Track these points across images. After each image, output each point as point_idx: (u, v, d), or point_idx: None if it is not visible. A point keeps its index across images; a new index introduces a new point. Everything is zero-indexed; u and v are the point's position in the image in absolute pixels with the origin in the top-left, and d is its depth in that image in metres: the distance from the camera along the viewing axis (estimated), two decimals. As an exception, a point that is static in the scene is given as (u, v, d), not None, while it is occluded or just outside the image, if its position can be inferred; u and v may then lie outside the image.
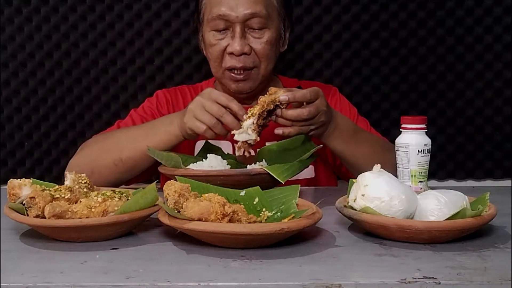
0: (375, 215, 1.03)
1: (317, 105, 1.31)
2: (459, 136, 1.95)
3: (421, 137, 1.29)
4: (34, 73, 1.86)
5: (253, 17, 1.50)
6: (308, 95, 1.30)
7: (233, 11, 1.49)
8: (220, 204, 0.99)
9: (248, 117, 1.29)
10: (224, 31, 1.52)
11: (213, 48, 1.53)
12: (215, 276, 0.87)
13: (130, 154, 1.43)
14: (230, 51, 1.51)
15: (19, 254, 1.00)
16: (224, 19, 1.50)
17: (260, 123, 1.29)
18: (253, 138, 1.29)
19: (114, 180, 1.45)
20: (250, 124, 1.29)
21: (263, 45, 1.52)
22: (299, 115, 1.30)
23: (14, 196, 1.08)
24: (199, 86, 1.72)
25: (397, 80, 1.92)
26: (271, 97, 1.28)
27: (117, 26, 1.86)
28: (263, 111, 1.28)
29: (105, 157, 1.45)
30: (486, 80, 1.92)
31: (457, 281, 0.86)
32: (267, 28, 1.52)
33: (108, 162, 1.44)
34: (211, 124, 1.32)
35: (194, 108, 1.34)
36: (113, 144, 1.47)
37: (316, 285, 0.84)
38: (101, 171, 1.44)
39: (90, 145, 1.53)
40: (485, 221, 1.04)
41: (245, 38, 1.51)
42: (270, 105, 1.28)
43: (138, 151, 1.42)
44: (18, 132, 1.88)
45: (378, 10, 1.89)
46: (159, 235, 1.09)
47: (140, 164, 1.45)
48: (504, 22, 1.90)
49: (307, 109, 1.30)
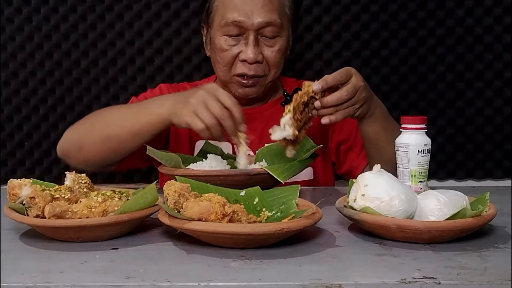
0: (375, 215, 1.03)
1: (354, 83, 1.28)
2: (459, 136, 1.95)
3: (421, 137, 1.28)
4: (34, 73, 1.86)
5: (268, 25, 1.49)
6: (339, 77, 1.28)
7: (248, 18, 1.48)
8: (220, 204, 0.99)
9: (285, 113, 1.27)
10: (236, 37, 1.50)
11: (224, 53, 1.52)
12: (215, 276, 0.87)
13: (117, 132, 1.40)
14: (243, 58, 1.50)
15: (19, 254, 1.00)
16: (238, 26, 1.48)
17: (298, 118, 1.26)
18: (290, 133, 1.26)
19: (101, 158, 1.43)
20: (287, 120, 1.26)
21: (275, 54, 1.52)
22: (340, 98, 1.27)
23: (14, 196, 1.08)
24: (198, 84, 1.70)
25: (397, 80, 1.92)
26: (304, 90, 1.26)
27: (117, 26, 1.86)
28: (298, 103, 1.26)
29: (93, 133, 1.43)
30: (486, 80, 1.92)
31: (457, 281, 0.86)
32: (279, 36, 1.52)
33: (96, 139, 1.42)
34: (210, 124, 1.29)
35: (196, 103, 1.30)
36: (102, 121, 1.45)
37: (316, 285, 0.84)
38: (89, 148, 1.43)
39: (82, 121, 1.52)
40: (485, 221, 1.04)
41: (258, 46, 1.50)
42: (304, 97, 1.25)
43: (125, 130, 1.40)
44: (18, 132, 1.88)
45: (378, 10, 1.89)
46: (159, 235, 1.09)
47: (126, 144, 1.41)
48: (504, 22, 1.90)
49: (345, 88, 1.27)
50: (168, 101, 1.36)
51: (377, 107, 1.40)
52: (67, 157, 1.49)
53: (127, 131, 1.39)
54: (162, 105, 1.36)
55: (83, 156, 1.41)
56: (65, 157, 1.50)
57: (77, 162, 1.47)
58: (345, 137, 1.61)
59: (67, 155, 1.49)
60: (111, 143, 1.41)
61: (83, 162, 1.45)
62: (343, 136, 1.61)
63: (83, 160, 1.42)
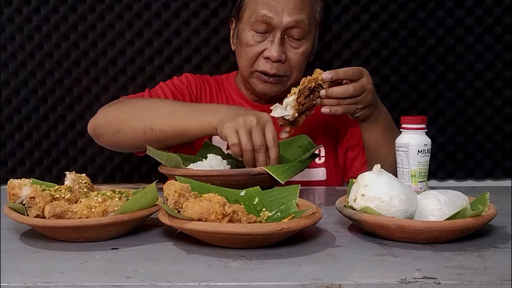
0: (375, 215, 1.03)
1: (363, 83, 1.30)
2: (459, 136, 1.95)
3: (421, 137, 1.29)
4: (34, 73, 1.86)
5: (296, 26, 1.49)
6: (350, 72, 1.29)
7: (278, 16, 1.48)
8: (220, 204, 0.99)
9: (290, 95, 1.28)
10: (263, 34, 1.51)
11: (249, 48, 1.53)
12: (215, 276, 0.87)
13: (163, 128, 1.39)
14: (267, 55, 1.50)
15: (19, 254, 1.00)
16: (267, 22, 1.49)
17: (301, 101, 1.27)
18: (290, 113, 1.27)
19: (136, 146, 1.43)
20: (290, 101, 1.28)
21: (299, 56, 1.52)
22: (345, 91, 1.28)
23: (14, 196, 1.08)
24: (219, 78, 1.72)
25: (397, 80, 1.92)
26: (313, 76, 1.27)
27: (117, 26, 1.86)
28: (304, 87, 1.26)
29: (137, 120, 1.41)
30: (486, 80, 1.93)
31: (457, 281, 0.86)
32: (305, 39, 1.52)
33: (138, 126, 1.40)
34: (245, 149, 1.27)
35: (243, 126, 1.28)
36: (150, 111, 1.43)
37: (316, 285, 0.84)
38: (127, 133, 1.42)
39: (125, 103, 1.49)
40: (485, 221, 1.04)
41: (283, 46, 1.51)
42: (312, 82, 1.26)
43: (171, 127, 1.38)
44: (18, 132, 1.88)
45: (378, 10, 1.89)
46: (159, 235, 1.09)
47: (170, 140, 1.41)
48: (504, 22, 1.90)
49: (353, 85, 1.29)
50: (221, 112, 1.35)
51: (381, 114, 1.41)
52: (98, 136, 1.47)
53: (173, 129, 1.38)
54: (215, 114, 1.35)
55: (118, 139, 1.39)
56: (96, 136, 1.48)
57: (109, 143, 1.46)
58: (353, 144, 1.62)
59: (100, 134, 1.47)
60: (153, 135, 1.39)
61: (114, 144, 1.44)
62: (352, 143, 1.62)
63: (115, 142, 1.40)
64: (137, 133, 1.40)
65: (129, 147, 1.45)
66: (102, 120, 1.48)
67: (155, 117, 1.41)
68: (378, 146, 1.43)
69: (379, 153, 1.44)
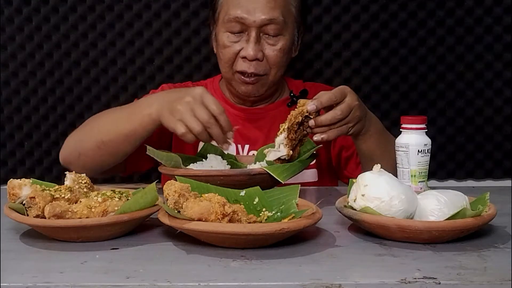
0: (375, 215, 1.03)
1: (348, 103, 1.28)
2: (459, 136, 1.95)
3: (421, 137, 1.28)
4: (34, 73, 1.86)
5: (270, 23, 1.49)
6: (333, 97, 1.27)
7: (250, 15, 1.48)
8: (220, 204, 0.99)
9: (280, 133, 1.28)
10: (239, 34, 1.51)
11: (226, 50, 1.52)
12: (215, 276, 0.87)
13: (111, 137, 1.40)
14: (244, 55, 1.50)
15: (19, 254, 1.00)
16: (240, 22, 1.49)
17: (292, 137, 1.27)
18: (285, 153, 1.27)
19: (99, 163, 1.43)
20: (282, 140, 1.27)
21: (276, 53, 1.52)
22: (333, 117, 1.27)
23: (14, 196, 1.08)
24: (203, 83, 1.70)
25: (397, 80, 1.92)
26: (298, 109, 1.27)
27: (117, 26, 1.86)
28: (292, 124, 1.26)
29: (89, 139, 1.43)
30: (486, 80, 1.92)
31: (457, 281, 0.86)
32: (282, 35, 1.52)
33: (92, 144, 1.42)
34: (197, 132, 1.28)
35: (183, 111, 1.28)
36: (97, 126, 1.45)
37: (316, 285, 0.84)
38: (87, 153, 1.43)
39: (80, 128, 1.52)
40: (485, 221, 1.04)
41: (259, 44, 1.50)
42: (298, 117, 1.26)
43: (118, 134, 1.39)
44: (18, 132, 1.88)
45: (378, 10, 1.89)
46: (159, 235, 1.09)
47: (122, 147, 1.41)
48: (504, 22, 1.90)
49: (339, 108, 1.27)
50: (156, 102, 1.35)
51: (372, 124, 1.40)
52: (69, 165, 1.49)
53: (120, 134, 1.39)
54: (151, 105, 1.35)
55: (83, 163, 1.41)
56: (67, 165, 1.50)
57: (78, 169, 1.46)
58: (347, 144, 1.61)
59: (69, 162, 1.49)
60: (106, 148, 1.40)
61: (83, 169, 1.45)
62: (345, 143, 1.62)
63: (82, 166, 1.41)
64: (93, 151, 1.42)
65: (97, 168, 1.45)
66: (66, 149, 1.50)
67: (102, 130, 1.42)
68: (373, 154, 1.42)
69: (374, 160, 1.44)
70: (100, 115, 1.51)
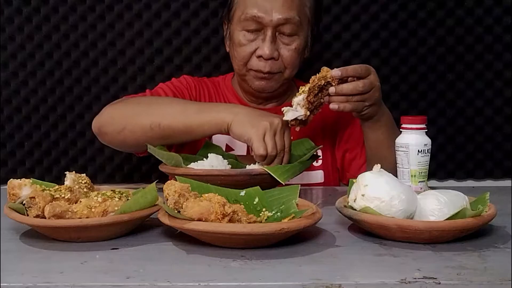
0: (375, 215, 1.03)
1: (371, 80, 1.31)
2: (459, 136, 1.95)
3: (421, 137, 1.29)
4: (34, 73, 1.86)
5: (286, 23, 1.50)
6: (359, 70, 1.30)
7: (267, 14, 1.49)
8: (220, 204, 0.99)
9: (299, 94, 1.28)
10: (255, 33, 1.52)
11: (242, 48, 1.53)
12: (215, 276, 0.87)
13: (171, 123, 1.38)
14: (260, 54, 1.51)
15: (19, 254, 1.00)
16: (257, 21, 1.50)
17: (311, 100, 1.27)
18: (302, 113, 1.27)
19: (142, 142, 1.39)
20: (300, 100, 1.28)
21: (291, 53, 1.53)
22: (355, 87, 1.29)
23: (14, 196, 1.08)
24: (215, 80, 1.72)
25: (397, 80, 1.92)
26: (322, 73, 1.28)
27: (117, 26, 1.86)
28: (314, 86, 1.26)
29: (143, 117, 1.40)
30: (486, 80, 1.93)
31: (457, 281, 0.86)
32: (297, 35, 1.52)
33: (145, 123, 1.39)
34: (271, 152, 1.28)
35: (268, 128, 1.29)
36: (157, 108, 1.42)
37: (316, 285, 0.84)
38: (134, 129, 1.40)
39: (131, 101, 1.49)
40: (485, 221, 1.04)
41: (275, 43, 1.51)
42: (321, 80, 1.27)
43: (180, 123, 1.37)
44: (18, 132, 1.88)
45: (378, 10, 1.89)
46: (159, 235, 1.09)
47: (177, 137, 1.40)
48: (504, 22, 1.90)
49: (362, 81, 1.29)
50: (236, 109, 1.35)
51: (384, 115, 1.42)
52: (103, 134, 1.46)
53: (182, 124, 1.37)
54: (230, 112, 1.34)
55: (124, 137, 1.39)
56: (101, 134, 1.47)
57: (114, 141, 1.45)
58: (351, 146, 1.62)
59: (105, 132, 1.46)
60: (160, 130, 1.38)
61: (119, 142, 1.43)
62: (350, 145, 1.63)
63: (121, 140, 1.39)
64: (143, 129, 1.39)
65: (134, 145, 1.44)
66: (107, 118, 1.46)
67: (164, 112, 1.40)
68: (380, 145, 1.43)
69: (380, 153, 1.45)
70: (158, 99, 1.50)
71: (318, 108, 1.31)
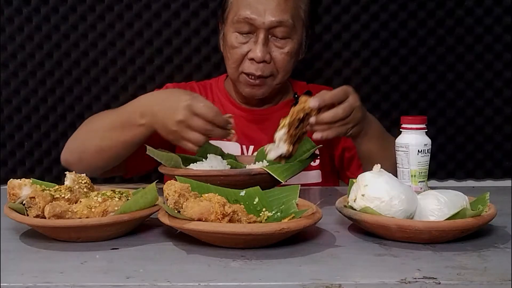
0: (375, 215, 1.03)
1: (350, 102, 1.29)
2: (459, 136, 1.95)
3: (421, 137, 1.29)
4: (34, 73, 1.86)
5: (279, 25, 1.48)
6: (336, 96, 1.28)
7: (260, 16, 1.48)
8: (220, 204, 0.99)
9: (280, 128, 1.28)
10: (247, 35, 1.50)
11: (234, 50, 1.52)
12: (215, 276, 0.87)
13: (109, 144, 1.41)
14: (251, 57, 1.50)
15: (19, 254, 1.00)
16: (250, 23, 1.48)
17: (292, 133, 1.27)
18: (285, 149, 1.27)
19: (100, 166, 1.45)
20: (282, 135, 1.27)
21: (284, 56, 1.51)
22: (335, 115, 1.27)
23: (14, 196, 1.08)
24: (207, 83, 1.71)
25: (397, 80, 1.92)
26: (300, 105, 1.26)
27: (117, 26, 1.86)
28: (293, 119, 1.26)
29: (88, 145, 1.44)
30: (486, 80, 1.93)
31: (457, 281, 0.86)
32: (290, 38, 1.51)
33: (91, 149, 1.43)
34: (201, 142, 1.29)
35: (180, 130, 1.29)
36: (94, 132, 1.45)
37: (316, 285, 0.84)
38: (87, 158, 1.44)
39: (79, 131, 1.51)
40: (485, 221, 1.04)
41: (267, 46, 1.50)
42: (300, 113, 1.26)
43: (115, 141, 1.40)
44: (18, 132, 1.88)
45: (378, 10, 1.89)
46: (159, 235, 1.09)
47: (122, 152, 1.42)
48: (504, 22, 1.90)
49: (342, 107, 1.28)
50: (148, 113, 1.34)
51: (371, 126, 1.40)
52: (70, 166, 1.49)
53: (117, 141, 1.40)
54: (143, 116, 1.35)
55: (84, 166, 1.42)
56: (68, 166, 1.50)
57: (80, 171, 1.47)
58: (350, 145, 1.61)
59: (70, 164, 1.49)
60: (106, 153, 1.42)
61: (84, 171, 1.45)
62: (348, 144, 1.62)
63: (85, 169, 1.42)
64: (93, 155, 1.43)
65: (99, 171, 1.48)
66: (66, 152, 1.51)
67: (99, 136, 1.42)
68: (373, 155, 1.42)
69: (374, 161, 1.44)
70: (96, 119, 1.50)
71: (302, 137, 1.30)
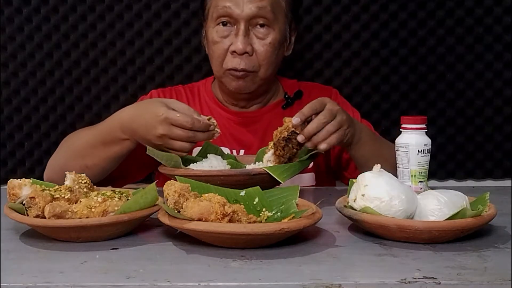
0: (375, 215, 1.03)
1: (329, 108, 1.28)
2: (459, 136, 1.95)
3: (421, 137, 1.28)
4: (34, 73, 1.86)
5: (258, 16, 1.48)
6: (314, 106, 1.27)
7: (238, 6, 1.48)
8: (220, 204, 0.99)
9: (268, 150, 1.29)
10: (228, 28, 1.50)
11: (216, 46, 1.51)
12: (215, 276, 0.87)
13: (94, 161, 1.41)
14: (233, 49, 1.49)
15: (19, 254, 1.00)
16: (228, 14, 1.48)
17: (280, 154, 1.27)
18: None
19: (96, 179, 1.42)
20: (269, 157, 1.29)
21: (266, 47, 1.50)
22: (319, 122, 1.26)
23: (14, 196, 1.08)
24: (195, 86, 1.70)
25: (397, 80, 1.92)
26: (284, 125, 1.27)
27: (117, 26, 1.86)
28: (278, 139, 1.26)
29: (72, 163, 1.41)
30: (486, 80, 1.92)
31: (457, 281, 0.86)
32: (271, 28, 1.50)
33: (77, 168, 1.37)
34: (187, 149, 1.29)
35: (164, 143, 1.28)
36: (76, 151, 1.44)
37: (316, 285, 0.84)
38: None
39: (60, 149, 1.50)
40: (485, 221, 1.04)
41: (248, 37, 1.49)
42: (284, 132, 1.26)
43: (100, 158, 1.40)
44: (18, 132, 1.88)
45: (378, 10, 1.89)
46: (159, 235, 1.09)
47: (108, 166, 1.42)
48: (504, 22, 1.90)
49: (322, 113, 1.27)
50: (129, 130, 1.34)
51: (362, 131, 1.40)
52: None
53: (102, 158, 1.40)
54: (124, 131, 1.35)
55: None
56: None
57: None
58: None
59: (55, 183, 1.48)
60: (92, 170, 1.39)
61: None
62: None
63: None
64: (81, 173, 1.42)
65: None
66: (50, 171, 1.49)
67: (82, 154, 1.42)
68: (368, 160, 1.41)
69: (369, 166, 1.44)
70: (76, 138, 1.49)
71: (294, 158, 1.30)
